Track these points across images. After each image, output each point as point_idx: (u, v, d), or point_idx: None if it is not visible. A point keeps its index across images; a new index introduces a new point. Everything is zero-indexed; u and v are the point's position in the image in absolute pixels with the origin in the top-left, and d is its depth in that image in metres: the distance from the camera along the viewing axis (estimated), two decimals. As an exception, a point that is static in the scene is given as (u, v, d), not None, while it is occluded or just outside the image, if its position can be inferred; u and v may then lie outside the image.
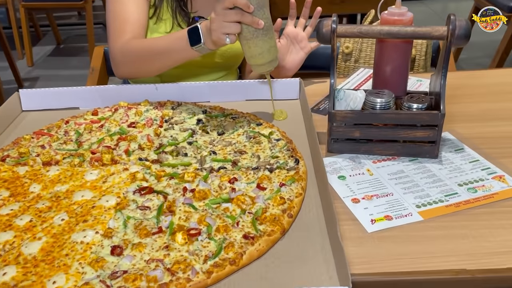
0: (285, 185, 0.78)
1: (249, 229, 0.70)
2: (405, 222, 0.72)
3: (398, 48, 0.89)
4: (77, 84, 1.12)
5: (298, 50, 1.16)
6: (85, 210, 0.74)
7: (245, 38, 0.90)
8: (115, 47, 1.09)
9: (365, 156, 0.89)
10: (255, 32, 0.89)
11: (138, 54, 1.07)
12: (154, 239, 0.68)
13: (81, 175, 0.83)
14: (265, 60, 0.92)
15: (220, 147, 0.90)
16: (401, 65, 0.90)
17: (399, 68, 0.90)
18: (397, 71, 0.91)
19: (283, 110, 1.05)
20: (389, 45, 0.89)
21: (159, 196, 0.77)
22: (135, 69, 1.10)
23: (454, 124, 0.96)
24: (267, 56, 0.91)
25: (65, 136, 0.95)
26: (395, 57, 0.89)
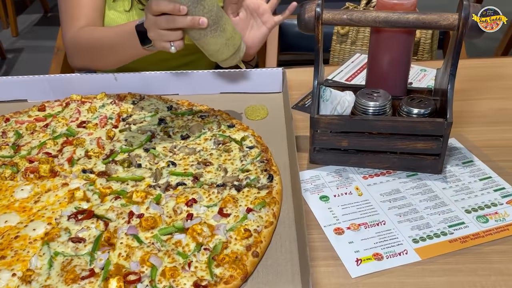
0: (253, 210, 0.64)
1: (203, 272, 0.56)
2: (399, 264, 0.58)
3: (398, 39, 0.72)
4: None
5: (259, 25, 0.95)
6: (6, 242, 0.61)
7: (194, 39, 0.73)
8: (66, 35, 0.96)
9: (354, 169, 0.74)
10: (202, 32, 0.71)
11: (89, 46, 0.93)
12: (82, 286, 0.55)
13: (11, 192, 0.69)
14: (226, 56, 0.75)
15: (181, 155, 0.76)
16: (401, 60, 0.74)
17: (398, 63, 0.74)
18: (396, 67, 0.75)
19: (263, 106, 0.90)
20: (386, 35, 0.72)
21: (98, 224, 0.63)
22: (89, 61, 0.96)
23: (461, 128, 0.81)
24: (226, 51, 0.74)
25: (2, 139, 0.81)
26: (394, 49, 0.73)
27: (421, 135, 0.70)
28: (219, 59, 0.76)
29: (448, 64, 0.69)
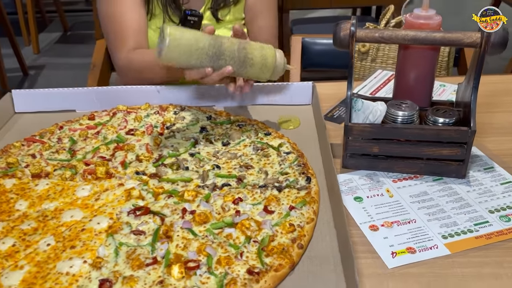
0: (295, 208, 0.70)
1: (254, 261, 0.62)
2: (430, 256, 0.64)
3: (424, 55, 0.80)
4: (86, 73, 1.08)
5: None
6: (74, 234, 0.67)
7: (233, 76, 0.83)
8: (119, 58, 1.07)
9: (384, 173, 0.80)
10: (235, 73, 0.80)
11: (143, 67, 1.04)
12: (148, 271, 0.61)
13: (72, 191, 0.76)
14: (265, 78, 0.84)
15: (224, 160, 0.83)
16: (427, 74, 0.81)
17: (424, 77, 0.81)
18: (422, 80, 0.82)
19: (295, 116, 0.97)
20: (414, 51, 0.80)
21: (155, 219, 0.69)
22: (141, 79, 1.05)
23: (483, 138, 0.88)
24: (263, 75, 0.83)
25: (58, 144, 0.88)
26: (421, 65, 0.81)
27: (447, 142, 0.77)
28: (263, 81, 0.84)
29: (471, 78, 0.76)
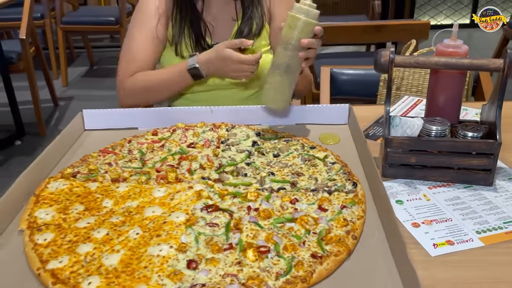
0: (346, 207, 0.81)
1: (315, 249, 0.72)
2: (467, 247, 0.74)
3: (454, 78, 0.92)
4: (110, 104, 1.25)
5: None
6: (157, 225, 0.78)
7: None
8: (121, 85, 1.26)
9: (420, 181, 0.91)
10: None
11: (146, 87, 1.24)
12: (226, 255, 0.71)
13: (149, 192, 0.87)
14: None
15: (277, 168, 0.94)
16: (456, 95, 0.93)
17: (453, 97, 0.94)
18: (451, 100, 0.94)
19: (335, 134, 1.09)
20: (444, 75, 0.92)
21: (225, 214, 0.80)
22: (142, 99, 1.26)
23: (506, 153, 0.98)
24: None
25: (129, 155, 1.00)
26: (450, 87, 0.93)
27: (476, 154, 0.88)
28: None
29: (495, 98, 0.87)
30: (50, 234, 0.77)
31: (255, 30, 1.27)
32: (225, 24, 1.27)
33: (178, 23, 1.26)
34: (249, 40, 1.09)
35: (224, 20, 1.27)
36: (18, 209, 0.85)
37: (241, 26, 1.26)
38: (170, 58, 1.29)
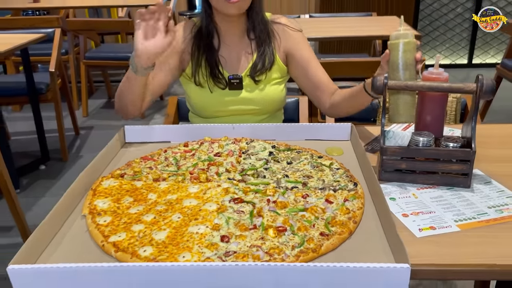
0: (348, 200, 0.99)
1: (323, 229, 0.90)
2: (446, 231, 0.92)
3: (437, 99, 1.11)
4: None
5: None
6: (194, 212, 0.96)
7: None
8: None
9: (410, 184, 1.09)
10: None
11: (118, 95, 1.39)
12: (251, 232, 0.89)
13: (185, 188, 1.05)
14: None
15: (291, 172, 1.12)
16: (439, 113, 1.13)
17: (437, 115, 1.13)
18: (435, 118, 1.13)
19: (339, 147, 1.27)
20: (429, 97, 1.12)
21: (248, 205, 0.98)
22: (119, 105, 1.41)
23: (483, 164, 1.16)
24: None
25: (166, 161, 1.19)
26: (434, 106, 1.12)
27: (456, 160, 1.06)
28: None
29: (471, 115, 1.07)
30: (108, 217, 0.95)
31: (267, 64, 1.47)
32: (240, 58, 1.47)
33: (196, 57, 1.47)
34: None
35: (238, 54, 1.47)
36: (78, 200, 1.03)
37: (256, 60, 1.46)
38: (192, 88, 1.49)
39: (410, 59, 1.15)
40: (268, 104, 1.49)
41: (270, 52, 1.47)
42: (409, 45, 1.15)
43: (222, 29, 1.46)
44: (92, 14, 5.73)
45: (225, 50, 1.48)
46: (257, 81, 1.48)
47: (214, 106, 1.48)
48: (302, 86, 1.53)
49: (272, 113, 1.55)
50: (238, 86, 1.47)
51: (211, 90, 1.46)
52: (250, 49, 1.48)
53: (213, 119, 1.51)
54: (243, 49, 1.48)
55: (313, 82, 1.48)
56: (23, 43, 2.67)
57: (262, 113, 1.52)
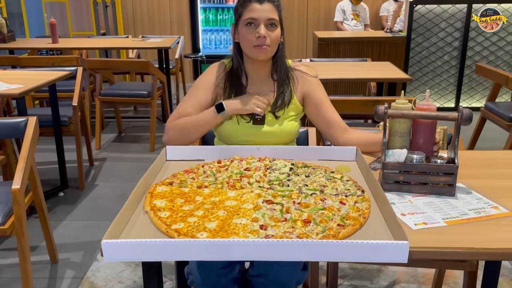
0: (357, 202, 1.24)
1: (339, 222, 1.14)
2: (436, 226, 1.16)
3: (427, 125, 1.38)
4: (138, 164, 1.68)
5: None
6: (235, 209, 1.20)
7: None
8: (167, 126, 1.68)
9: (406, 193, 1.34)
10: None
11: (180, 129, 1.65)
12: (283, 223, 1.13)
13: (225, 193, 1.30)
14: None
15: (309, 182, 1.37)
16: (429, 136, 1.39)
17: (427, 138, 1.39)
18: (426, 140, 1.40)
19: (347, 166, 1.53)
20: (421, 123, 1.39)
21: (278, 205, 1.23)
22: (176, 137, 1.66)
23: (464, 179, 1.42)
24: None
25: (204, 174, 1.43)
26: (425, 131, 1.39)
27: (443, 173, 1.32)
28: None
29: (454, 138, 1.33)
30: (167, 212, 1.19)
31: (286, 101, 1.74)
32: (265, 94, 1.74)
33: (227, 92, 1.74)
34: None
35: (263, 91, 1.74)
36: (139, 201, 1.27)
37: (277, 97, 1.73)
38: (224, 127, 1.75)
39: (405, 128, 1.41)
40: (284, 137, 1.74)
41: (288, 91, 1.73)
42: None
43: (250, 70, 1.74)
44: (102, 54, 6.08)
45: (252, 88, 1.74)
46: (277, 117, 1.73)
47: (239, 135, 1.72)
48: (317, 124, 1.79)
49: (287, 143, 1.80)
50: (261, 122, 1.71)
51: (238, 122, 1.71)
52: (273, 88, 1.74)
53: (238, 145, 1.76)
54: (267, 88, 1.75)
55: (327, 120, 1.74)
56: (53, 79, 2.95)
57: (279, 144, 1.76)
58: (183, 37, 5.68)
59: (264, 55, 1.64)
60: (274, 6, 1.63)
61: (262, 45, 1.62)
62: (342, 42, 5.14)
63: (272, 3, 1.63)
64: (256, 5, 1.61)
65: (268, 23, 1.62)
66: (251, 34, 1.62)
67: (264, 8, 1.61)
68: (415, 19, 5.10)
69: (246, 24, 1.63)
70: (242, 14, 1.65)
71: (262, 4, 1.61)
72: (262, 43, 1.61)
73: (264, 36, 1.61)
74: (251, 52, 1.64)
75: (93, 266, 2.45)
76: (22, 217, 1.94)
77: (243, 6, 1.64)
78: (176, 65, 5.34)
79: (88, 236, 2.74)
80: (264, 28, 1.61)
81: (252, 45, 1.63)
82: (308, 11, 6.70)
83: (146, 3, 6.62)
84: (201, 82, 1.75)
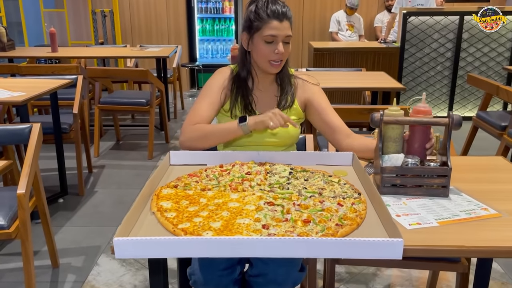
0: (354, 204, 1.30)
1: (337, 222, 1.20)
2: (429, 226, 1.22)
3: (421, 130, 1.45)
4: (137, 172, 1.73)
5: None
6: (238, 210, 1.26)
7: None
8: (183, 131, 1.71)
9: (402, 196, 1.40)
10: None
11: (202, 135, 1.68)
12: (284, 223, 1.19)
13: (228, 195, 1.35)
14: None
15: (308, 185, 1.43)
16: (423, 141, 1.46)
17: (421, 142, 1.46)
18: (420, 144, 1.46)
19: (344, 170, 1.59)
20: (417, 128, 1.45)
21: (279, 206, 1.28)
22: (193, 144, 1.68)
23: (456, 183, 1.48)
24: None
25: (207, 177, 1.49)
26: (419, 136, 1.46)
27: (437, 176, 1.38)
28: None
29: (445, 142, 1.40)
30: (173, 213, 1.24)
31: (288, 103, 1.81)
32: (269, 98, 1.81)
33: (234, 95, 1.80)
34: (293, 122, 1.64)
35: (268, 95, 1.82)
36: (146, 202, 1.32)
37: (281, 99, 1.81)
38: (227, 120, 1.81)
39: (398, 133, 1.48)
40: (286, 138, 1.81)
41: (290, 95, 1.81)
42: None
43: (257, 77, 1.82)
44: (100, 63, 6.14)
45: (257, 92, 1.82)
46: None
47: (244, 136, 1.78)
48: (320, 129, 1.86)
49: (288, 146, 1.87)
50: None
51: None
52: (277, 93, 1.83)
53: (241, 147, 1.82)
54: (272, 93, 1.83)
55: (330, 126, 1.81)
56: (54, 87, 3.00)
57: (280, 145, 1.83)
58: (181, 46, 5.76)
59: (278, 69, 1.74)
60: (290, 23, 1.71)
61: (278, 60, 1.70)
62: (337, 52, 5.24)
63: (289, 20, 1.70)
64: (277, 23, 1.66)
65: (285, 40, 1.70)
66: (268, 49, 1.69)
67: (284, 26, 1.68)
68: (409, 30, 5.21)
69: (265, 40, 1.70)
70: (261, 29, 1.69)
71: (282, 22, 1.67)
72: (279, 58, 1.70)
73: (283, 52, 1.69)
74: (266, 66, 1.72)
75: (94, 271, 2.48)
76: (27, 221, 1.99)
77: (262, 21, 1.68)
78: (173, 74, 5.41)
79: (88, 241, 2.78)
80: (281, 45, 1.69)
81: (268, 59, 1.71)
82: (303, 22, 6.80)
83: (144, 13, 6.70)
84: (211, 84, 1.82)
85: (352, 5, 6.17)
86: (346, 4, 6.22)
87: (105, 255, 2.63)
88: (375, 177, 1.48)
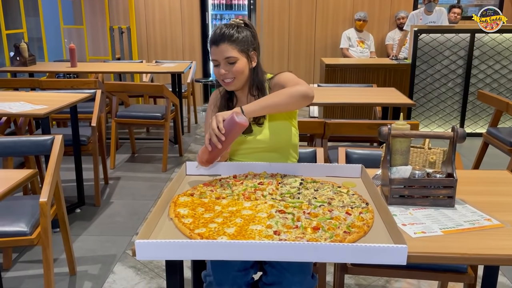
0: (362, 213, 1.36)
1: (345, 229, 1.26)
2: (434, 234, 1.28)
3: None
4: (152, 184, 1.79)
5: None
6: (251, 218, 1.33)
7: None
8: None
9: (408, 206, 1.46)
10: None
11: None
12: (295, 230, 1.25)
13: (241, 204, 1.43)
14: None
15: (318, 195, 1.50)
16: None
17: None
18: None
19: (352, 182, 1.66)
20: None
21: (290, 214, 1.35)
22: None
23: (460, 195, 1.54)
24: None
25: (222, 187, 1.56)
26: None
27: (443, 187, 1.44)
28: None
29: (450, 154, 1.46)
30: (190, 219, 1.32)
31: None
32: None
33: (222, 110, 1.88)
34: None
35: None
36: (164, 209, 1.40)
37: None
38: None
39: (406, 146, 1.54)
40: (274, 142, 1.83)
41: None
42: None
43: (236, 93, 1.92)
44: (116, 78, 6.30)
45: (239, 104, 1.88)
46: (260, 124, 1.85)
47: (235, 144, 1.82)
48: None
49: (281, 150, 1.89)
50: (248, 131, 1.83)
51: None
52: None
53: (244, 155, 1.87)
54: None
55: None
56: (75, 101, 3.12)
57: (271, 150, 1.85)
58: (195, 62, 5.89)
59: (232, 87, 1.83)
60: (230, 44, 1.77)
61: (225, 79, 1.81)
62: (349, 68, 5.32)
63: (228, 42, 1.77)
64: (214, 48, 1.77)
65: (228, 61, 1.78)
66: (217, 71, 1.80)
67: (220, 49, 1.76)
68: (420, 47, 5.27)
69: (213, 64, 1.84)
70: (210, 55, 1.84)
71: (219, 46, 1.76)
72: (224, 78, 1.81)
73: (225, 73, 1.79)
74: (223, 84, 1.85)
75: (110, 278, 2.56)
76: (48, 228, 2.07)
77: (210, 48, 1.81)
78: (188, 89, 5.53)
79: (104, 250, 2.86)
80: (224, 66, 1.77)
81: (220, 79, 1.83)
82: (315, 39, 6.90)
83: (159, 30, 6.87)
84: (210, 103, 1.97)
85: (359, 17, 6.25)
86: (354, 19, 6.32)
87: (121, 264, 2.71)
88: (383, 188, 1.54)
